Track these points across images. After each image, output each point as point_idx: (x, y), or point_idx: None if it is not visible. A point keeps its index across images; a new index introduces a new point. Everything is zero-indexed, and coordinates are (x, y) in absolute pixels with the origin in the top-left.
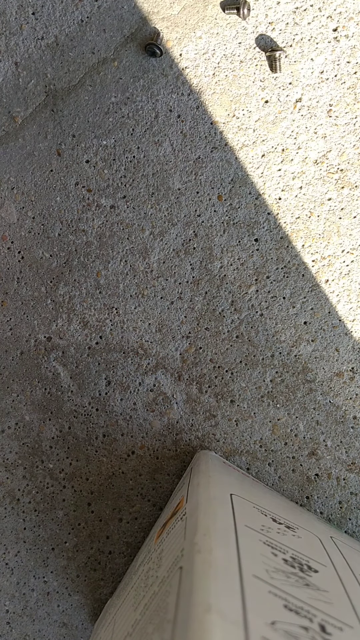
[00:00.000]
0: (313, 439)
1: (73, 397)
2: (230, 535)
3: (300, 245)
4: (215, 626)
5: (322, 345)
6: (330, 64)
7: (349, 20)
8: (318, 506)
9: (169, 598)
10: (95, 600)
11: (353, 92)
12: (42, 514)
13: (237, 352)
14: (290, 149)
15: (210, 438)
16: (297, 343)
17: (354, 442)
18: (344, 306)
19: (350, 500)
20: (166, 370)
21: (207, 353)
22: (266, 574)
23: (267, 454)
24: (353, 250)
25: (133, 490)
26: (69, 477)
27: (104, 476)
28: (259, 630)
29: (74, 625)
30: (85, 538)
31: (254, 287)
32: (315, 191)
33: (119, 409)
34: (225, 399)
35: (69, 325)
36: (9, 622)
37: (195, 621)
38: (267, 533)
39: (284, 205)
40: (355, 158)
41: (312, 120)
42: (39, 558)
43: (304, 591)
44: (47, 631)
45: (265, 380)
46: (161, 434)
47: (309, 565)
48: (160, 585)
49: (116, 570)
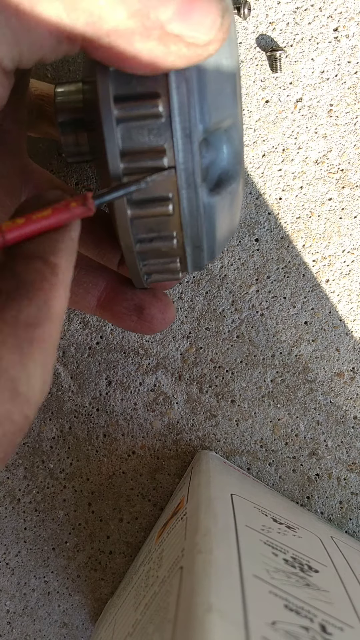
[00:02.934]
0: (314, 439)
1: (73, 397)
2: (230, 535)
3: (301, 245)
4: (215, 626)
5: (323, 345)
6: (331, 64)
7: (349, 20)
8: (319, 506)
9: (170, 598)
10: (95, 600)
11: (354, 92)
12: (42, 514)
13: (238, 352)
14: (290, 148)
15: (210, 438)
16: (297, 343)
17: (355, 442)
18: (345, 306)
19: (350, 500)
20: (167, 370)
21: (208, 353)
22: (267, 574)
23: (267, 454)
24: (354, 250)
25: (133, 490)
26: (70, 477)
27: (104, 476)
28: (259, 630)
29: (74, 625)
30: (85, 538)
31: (255, 287)
32: (315, 191)
33: (119, 408)
34: (226, 399)
35: (69, 325)
36: (10, 622)
37: (196, 621)
38: (268, 533)
39: (285, 205)
40: (355, 158)
41: (313, 120)
42: (39, 558)
43: (305, 591)
44: (47, 631)
45: (266, 380)
46: (162, 433)
47: (309, 565)
48: (161, 585)
49: (117, 570)
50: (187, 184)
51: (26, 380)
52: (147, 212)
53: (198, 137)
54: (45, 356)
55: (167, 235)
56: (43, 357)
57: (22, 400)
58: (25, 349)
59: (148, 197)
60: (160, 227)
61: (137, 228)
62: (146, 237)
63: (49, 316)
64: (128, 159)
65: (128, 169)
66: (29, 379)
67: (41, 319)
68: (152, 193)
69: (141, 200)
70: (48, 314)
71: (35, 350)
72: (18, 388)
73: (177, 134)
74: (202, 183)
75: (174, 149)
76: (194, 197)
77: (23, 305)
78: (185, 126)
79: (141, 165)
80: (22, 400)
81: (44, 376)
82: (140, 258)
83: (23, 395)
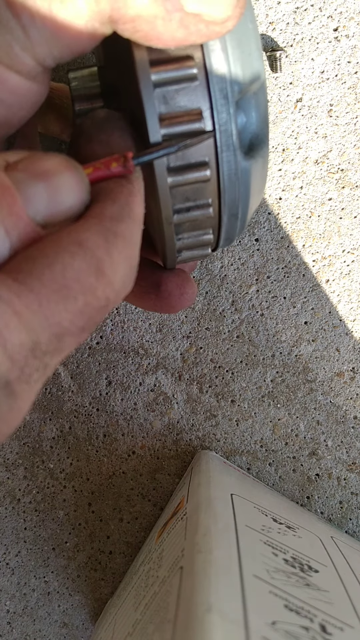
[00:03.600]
0: (314, 439)
1: (73, 397)
2: (230, 535)
3: (301, 245)
4: (215, 626)
5: (323, 345)
6: (331, 64)
7: (349, 20)
8: (319, 506)
9: (170, 598)
10: (95, 600)
11: (354, 91)
12: (42, 514)
13: (238, 352)
14: (290, 148)
15: (210, 438)
16: (297, 343)
17: (355, 442)
18: (345, 306)
19: (350, 500)
20: (167, 370)
21: (208, 353)
22: (267, 574)
23: (267, 454)
24: (354, 250)
25: (133, 490)
26: (70, 477)
27: (104, 476)
28: (259, 630)
29: (74, 625)
30: (85, 538)
31: (255, 287)
32: (315, 191)
33: (119, 408)
34: (226, 399)
35: None
36: (10, 622)
37: (196, 621)
38: (268, 533)
39: (285, 205)
40: (355, 158)
41: (313, 120)
42: (39, 558)
43: (305, 591)
44: (47, 631)
45: (266, 380)
46: (162, 433)
47: (309, 565)
48: (161, 585)
49: (117, 570)
50: (227, 147)
51: (110, 265)
52: (186, 179)
53: (235, 98)
54: (129, 251)
55: (204, 204)
56: (126, 251)
57: (105, 280)
58: (110, 238)
59: (186, 164)
60: (197, 194)
61: (175, 197)
62: (183, 207)
63: (131, 215)
64: (167, 124)
65: (168, 134)
66: (112, 264)
67: (124, 216)
68: (190, 158)
69: (179, 167)
70: (130, 214)
71: (119, 241)
72: (102, 268)
73: (215, 94)
74: (239, 146)
75: (211, 110)
76: (232, 160)
77: (107, 204)
78: (222, 87)
79: (181, 130)
80: (106, 281)
81: (127, 270)
82: (176, 231)
83: (107, 276)
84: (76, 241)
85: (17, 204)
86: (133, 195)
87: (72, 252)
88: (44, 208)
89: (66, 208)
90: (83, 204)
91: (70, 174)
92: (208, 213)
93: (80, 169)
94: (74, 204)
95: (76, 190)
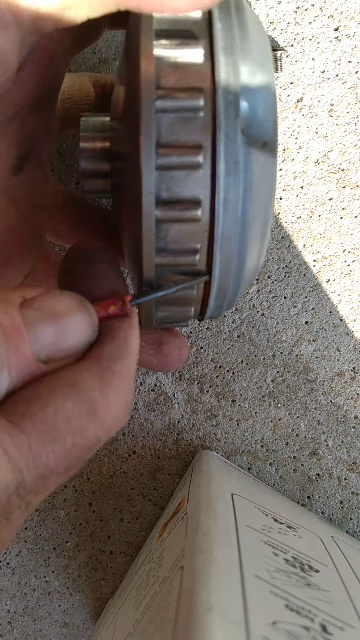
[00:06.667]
0: (314, 439)
1: None
2: (231, 535)
3: (302, 244)
4: (216, 626)
5: (324, 345)
6: (332, 64)
7: (350, 20)
8: (319, 506)
9: (170, 598)
10: (96, 600)
11: (354, 91)
12: (43, 514)
13: (238, 351)
14: (291, 148)
15: (211, 438)
16: (298, 343)
17: (355, 442)
18: (345, 306)
19: (351, 500)
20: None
21: (208, 353)
22: (267, 574)
23: (268, 453)
24: (354, 249)
25: (134, 489)
26: (70, 477)
27: (104, 476)
28: (260, 630)
29: (75, 625)
30: (86, 538)
31: (255, 287)
32: (316, 191)
33: None
34: (227, 399)
35: None
36: (10, 622)
37: (196, 621)
38: (268, 533)
39: (285, 205)
40: (356, 157)
41: (314, 119)
42: (40, 558)
43: (305, 591)
44: (48, 631)
45: (267, 380)
46: (162, 433)
47: (310, 565)
48: (161, 585)
49: (117, 570)
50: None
51: (104, 405)
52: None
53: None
54: (125, 386)
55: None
56: (123, 387)
57: (97, 420)
58: (107, 377)
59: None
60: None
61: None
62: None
63: (128, 351)
64: (163, 259)
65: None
66: (106, 404)
67: (122, 354)
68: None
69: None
70: (128, 350)
71: (116, 379)
72: (95, 409)
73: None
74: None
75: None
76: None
77: (106, 342)
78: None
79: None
80: (97, 421)
81: (122, 406)
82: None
83: (99, 416)
84: (71, 383)
85: (24, 344)
86: (131, 327)
87: (65, 394)
88: (49, 346)
89: (70, 347)
90: (88, 342)
91: (80, 316)
92: (192, 294)
93: (91, 309)
94: (78, 343)
95: (84, 331)
